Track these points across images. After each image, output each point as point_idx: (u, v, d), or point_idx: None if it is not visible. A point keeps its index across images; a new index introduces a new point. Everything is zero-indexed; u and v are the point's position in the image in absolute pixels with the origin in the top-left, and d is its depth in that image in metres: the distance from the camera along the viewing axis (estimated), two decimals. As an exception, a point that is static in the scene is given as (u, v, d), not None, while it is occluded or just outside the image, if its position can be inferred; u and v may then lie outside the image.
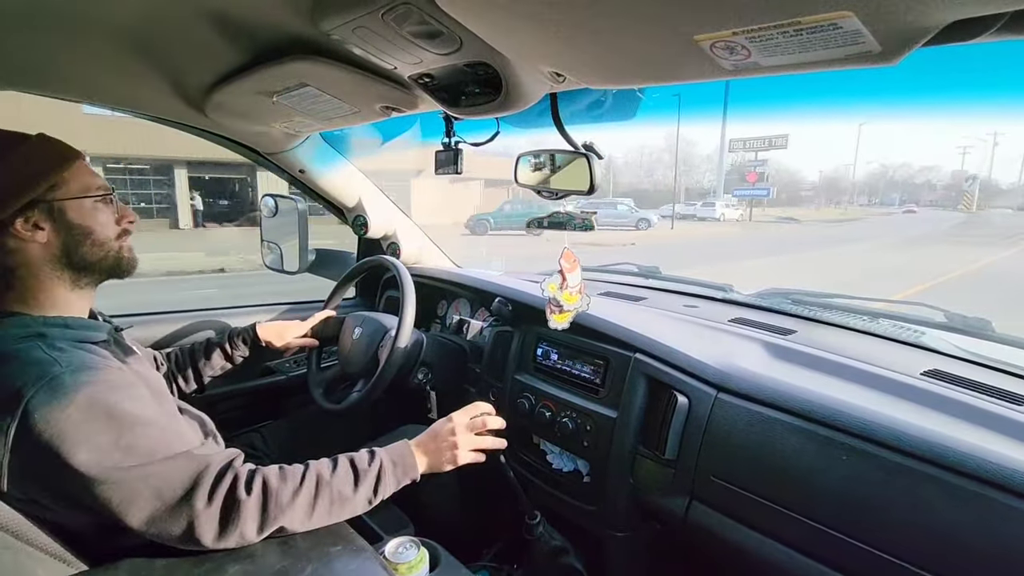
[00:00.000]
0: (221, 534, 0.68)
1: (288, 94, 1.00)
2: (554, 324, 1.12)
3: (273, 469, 0.75)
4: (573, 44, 0.66)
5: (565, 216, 1.06)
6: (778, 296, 1.44)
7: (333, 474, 0.78)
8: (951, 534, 0.69)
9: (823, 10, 0.47)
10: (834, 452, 0.80)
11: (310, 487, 0.75)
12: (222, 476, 0.70)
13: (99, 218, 0.80)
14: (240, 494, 0.70)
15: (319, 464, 0.79)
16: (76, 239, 0.77)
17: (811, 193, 45.47)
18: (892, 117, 34.30)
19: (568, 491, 1.20)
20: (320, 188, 1.64)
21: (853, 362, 0.99)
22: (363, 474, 0.81)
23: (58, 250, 0.76)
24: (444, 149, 1.13)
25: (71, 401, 0.65)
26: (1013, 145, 47.60)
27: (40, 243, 0.75)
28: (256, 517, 0.71)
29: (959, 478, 0.69)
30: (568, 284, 1.10)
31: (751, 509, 0.88)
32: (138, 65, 0.98)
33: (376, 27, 0.71)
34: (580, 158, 0.97)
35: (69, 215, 0.77)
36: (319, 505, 0.75)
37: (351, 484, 0.79)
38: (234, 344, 1.24)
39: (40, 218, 0.74)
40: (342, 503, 0.78)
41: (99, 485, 0.64)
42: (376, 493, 0.81)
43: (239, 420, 1.49)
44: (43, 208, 0.75)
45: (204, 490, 0.68)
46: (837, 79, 16.26)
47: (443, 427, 0.94)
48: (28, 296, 0.75)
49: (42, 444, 0.63)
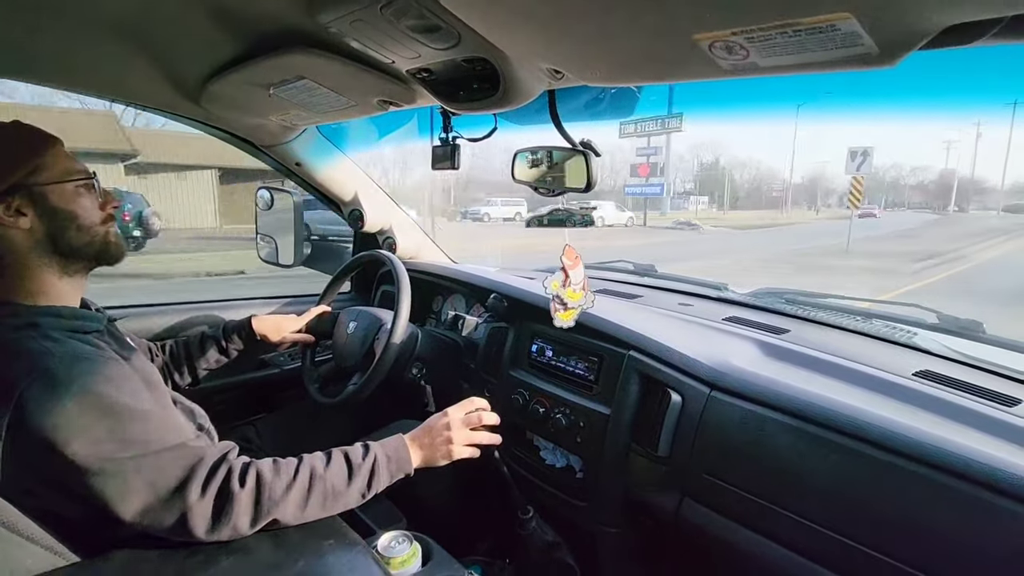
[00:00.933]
0: (214, 526, 0.69)
1: (285, 87, 0.99)
2: (559, 322, 1.09)
3: (267, 462, 0.75)
4: (572, 41, 0.66)
5: (565, 213, 1.06)
6: (772, 295, 1.45)
7: (327, 468, 0.78)
8: (939, 532, 0.70)
9: (822, 11, 0.47)
10: (825, 451, 0.81)
11: (303, 481, 0.75)
12: (216, 468, 0.70)
13: (82, 203, 0.79)
14: (234, 487, 0.70)
15: (313, 458, 0.79)
16: (60, 224, 0.77)
17: (780, 194, 43.72)
18: (877, 118, 32.76)
19: (561, 487, 1.21)
20: (316, 181, 1.63)
21: (845, 362, 0.99)
22: (357, 468, 0.81)
23: (43, 236, 0.75)
24: (441, 144, 1.13)
25: (65, 392, 0.64)
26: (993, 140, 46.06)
27: (23, 229, 0.74)
28: (249, 510, 0.71)
29: (948, 477, 0.70)
30: (571, 281, 1.08)
31: (742, 506, 0.89)
32: (134, 55, 0.97)
33: (374, 20, 0.71)
34: (577, 155, 0.96)
35: (51, 200, 0.76)
36: (312, 498, 0.76)
37: (345, 478, 0.79)
38: (229, 338, 1.24)
39: (22, 203, 0.73)
40: (335, 497, 0.78)
41: (93, 476, 0.64)
42: (370, 487, 0.82)
43: (233, 413, 1.49)
44: (24, 193, 0.73)
45: (198, 482, 0.68)
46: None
47: (438, 422, 0.94)
48: (18, 285, 0.75)
49: (37, 436, 0.63)
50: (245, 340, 1.25)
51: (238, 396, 1.54)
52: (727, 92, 16.52)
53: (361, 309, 1.38)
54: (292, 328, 1.32)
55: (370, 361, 1.25)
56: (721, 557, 0.96)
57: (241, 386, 1.54)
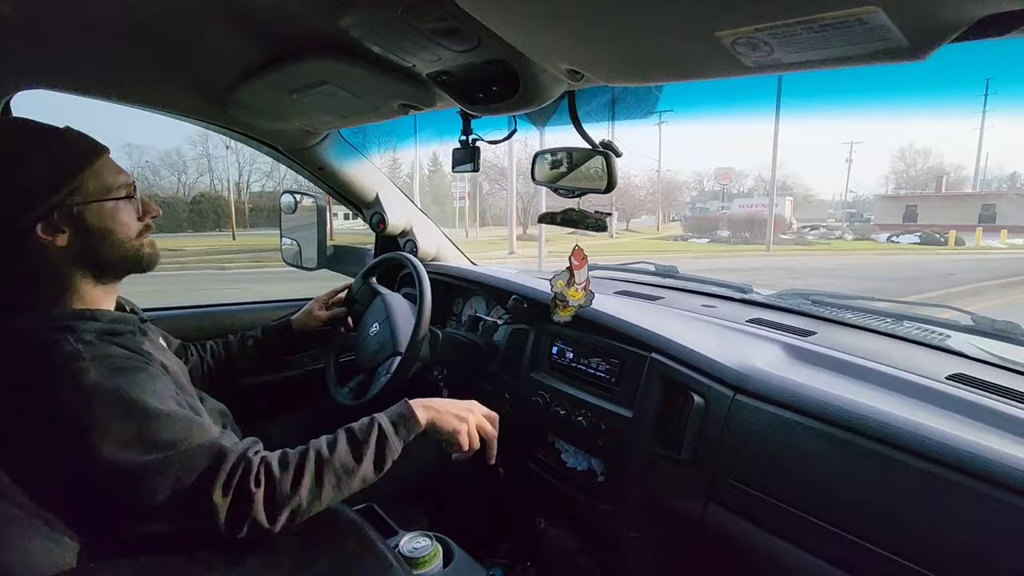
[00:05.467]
0: (237, 525, 0.69)
1: (307, 92, 1.01)
2: (558, 318, 1.18)
3: (275, 455, 0.76)
4: (591, 41, 0.65)
5: (578, 214, 1.05)
6: (798, 296, 1.41)
7: (334, 450, 0.78)
8: (978, 544, 0.67)
9: (848, 5, 0.46)
10: (855, 457, 0.79)
11: (311, 467, 0.75)
12: (237, 468, 0.71)
13: (120, 218, 0.80)
14: (251, 484, 0.70)
15: (319, 442, 0.79)
16: (95, 241, 0.78)
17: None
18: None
19: (582, 490, 1.20)
20: (339, 185, 1.65)
21: (875, 365, 0.96)
22: (364, 442, 0.80)
23: (77, 251, 0.77)
24: (462, 147, 1.14)
25: (95, 394, 0.66)
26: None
27: (60, 245, 0.75)
28: (267, 505, 0.71)
29: (985, 485, 0.67)
30: (575, 281, 1.14)
31: (768, 512, 0.87)
32: (161, 63, 1.00)
33: (395, 24, 0.71)
34: (598, 156, 0.96)
35: (89, 218, 0.77)
36: (326, 482, 0.75)
37: (352, 455, 0.79)
38: (269, 337, 1.31)
39: (61, 222, 0.74)
40: (349, 476, 0.77)
41: (120, 477, 0.65)
42: (384, 457, 0.81)
43: (257, 412, 1.51)
44: (64, 212, 0.74)
45: (220, 482, 0.69)
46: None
47: (459, 401, 0.95)
48: (54, 291, 0.77)
49: (65, 436, 0.64)
50: (284, 339, 1.33)
51: (262, 396, 1.57)
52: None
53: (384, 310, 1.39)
54: (321, 303, 1.42)
55: (392, 364, 1.26)
56: (746, 564, 0.94)
57: (265, 386, 1.57)
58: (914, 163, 39.24)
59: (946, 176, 33.44)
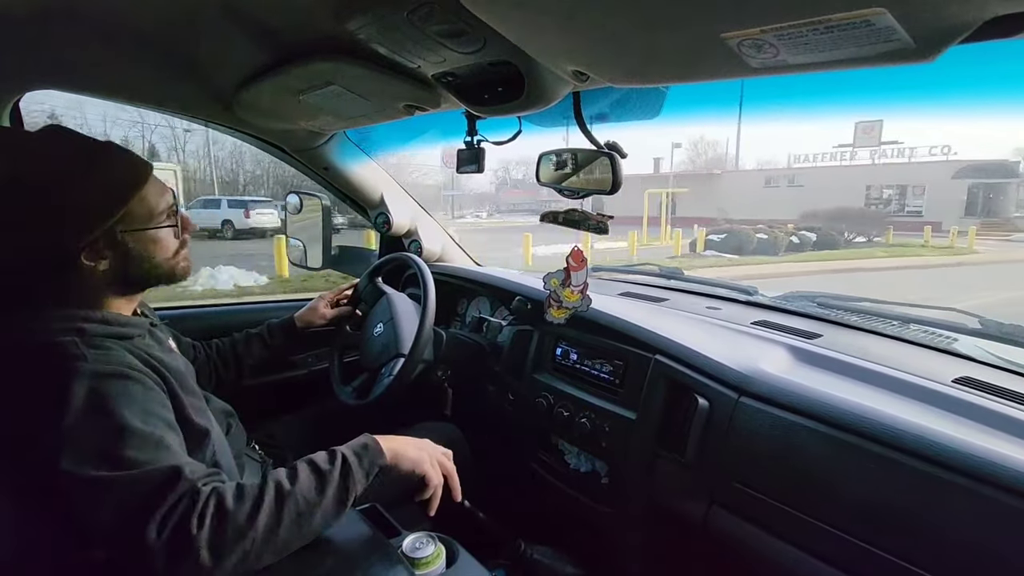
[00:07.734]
0: (172, 566, 0.62)
1: (313, 92, 1.01)
2: (550, 317, 1.18)
3: (231, 485, 0.68)
4: (597, 43, 0.65)
5: (580, 215, 1.05)
6: (803, 299, 1.41)
7: (295, 481, 0.71)
8: (984, 548, 0.67)
9: (855, 7, 0.46)
10: (861, 460, 0.78)
11: (271, 500, 0.67)
12: (176, 506, 0.63)
13: (161, 240, 0.80)
14: (191, 525, 0.62)
15: (277, 473, 0.72)
16: (134, 264, 0.78)
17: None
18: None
19: (586, 492, 1.20)
20: (344, 185, 1.66)
21: (881, 368, 0.96)
22: (327, 474, 0.73)
23: (115, 273, 0.77)
24: (467, 148, 1.14)
25: (74, 403, 0.64)
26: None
27: (101, 270, 0.75)
28: (214, 543, 0.63)
29: (992, 489, 0.67)
30: (571, 282, 1.14)
31: (773, 516, 0.86)
32: (169, 65, 1.01)
33: (401, 26, 0.72)
34: (603, 157, 0.96)
35: (131, 244, 0.76)
36: (285, 516, 0.67)
37: (315, 488, 0.71)
38: (274, 335, 1.31)
39: (105, 248, 0.74)
40: (310, 511, 0.70)
41: (72, 483, 0.62)
42: (347, 491, 0.74)
43: (262, 411, 1.52)
44: (108, 238, 0.74)
45: (157, 518, 0.62)
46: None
47: (410, 437, 0.89)
48: (78, 300, 0.76)
49: (41, 438, 0.64)
50: (289, 336, 1.33)
51: (267, 396, 1.57)
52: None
53: (388, 310, 1.40)
54: (327, 301, 1.42)
55: (396, 364, 1.26)
56: (750, 567, 0.93)
57: (270, 386, 1.57)
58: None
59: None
